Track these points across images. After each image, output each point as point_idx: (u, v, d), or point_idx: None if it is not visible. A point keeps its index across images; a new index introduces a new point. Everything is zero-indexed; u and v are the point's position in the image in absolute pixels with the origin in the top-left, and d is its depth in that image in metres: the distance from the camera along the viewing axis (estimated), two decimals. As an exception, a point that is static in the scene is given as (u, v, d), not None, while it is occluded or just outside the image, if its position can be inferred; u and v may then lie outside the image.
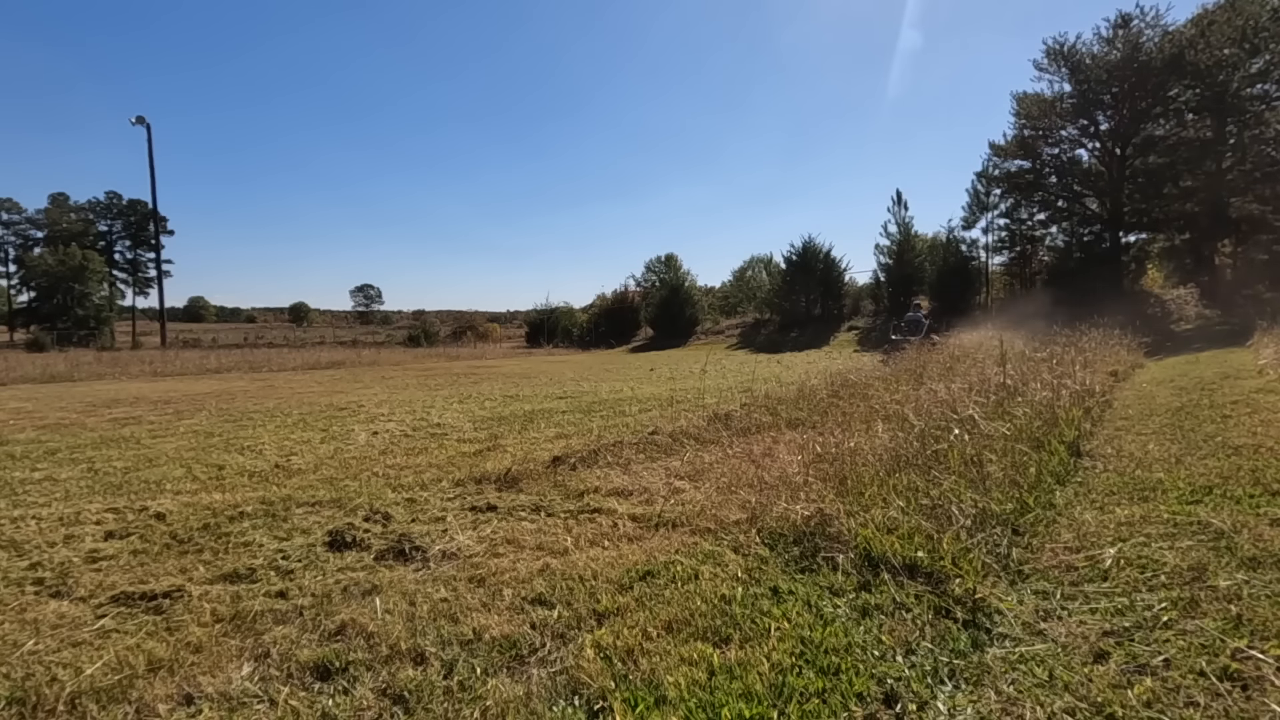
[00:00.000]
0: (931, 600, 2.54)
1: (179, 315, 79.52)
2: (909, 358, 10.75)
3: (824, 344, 31.16)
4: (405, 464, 5.77)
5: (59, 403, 11.73)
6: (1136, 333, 14.74)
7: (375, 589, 2.90)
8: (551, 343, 42.39)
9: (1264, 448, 4.80)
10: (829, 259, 36.57)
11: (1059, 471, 4.41)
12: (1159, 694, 1.90)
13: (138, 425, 8.70)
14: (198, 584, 3.06)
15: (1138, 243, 30.09)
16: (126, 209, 57.21)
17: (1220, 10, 24.05)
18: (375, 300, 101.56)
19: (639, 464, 5.27)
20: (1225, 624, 2.26)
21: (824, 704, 1.92)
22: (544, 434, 7.34)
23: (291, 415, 9.52)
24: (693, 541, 3.37)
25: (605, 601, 2.66)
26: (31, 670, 2.30)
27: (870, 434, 4.74)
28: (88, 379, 18.37)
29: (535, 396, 11.76)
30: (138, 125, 34.90)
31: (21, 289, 51.84)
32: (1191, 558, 2.84)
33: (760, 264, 50.98)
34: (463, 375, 18.36)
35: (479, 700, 2.00)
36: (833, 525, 3.24)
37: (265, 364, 23.34)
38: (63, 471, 5.79)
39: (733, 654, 2.21)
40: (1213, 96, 24.13)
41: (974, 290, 33.14)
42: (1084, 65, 26.46)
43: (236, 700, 2.07)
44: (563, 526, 3.77)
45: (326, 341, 47.70)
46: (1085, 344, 11.27)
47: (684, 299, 41.88)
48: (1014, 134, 29.78)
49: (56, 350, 31.59)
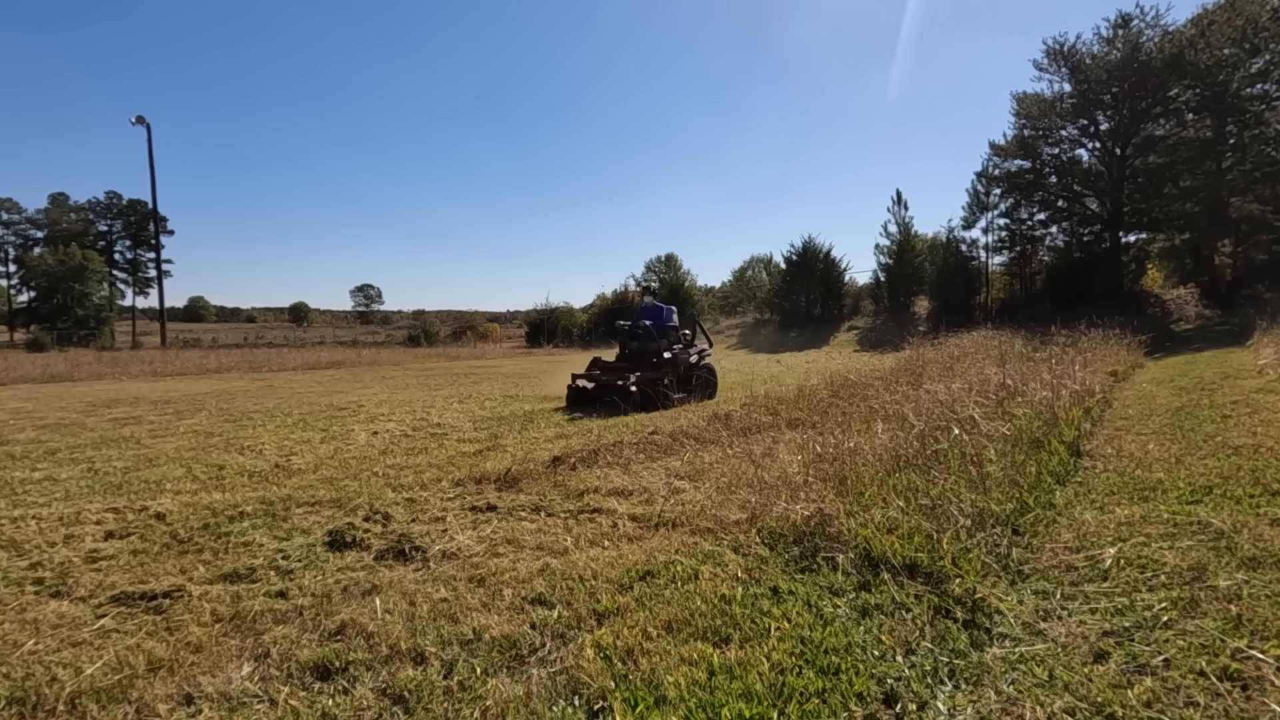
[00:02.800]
0: (931, 600, 2.54)
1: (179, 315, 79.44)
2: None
3: (824, 344, 31.17)
4: (405, 464, 5.77)
5: (59, 403, 11.73)
6: (1136, 333, 14.72)
7: (375, 589, 2.90)
8: (551, 343, 42.39)
9: (1264, 448, 4.80)
10: (829, 259, 36.61)
11: (1059, 471, 4.41)
12: (1159, 694, 1.90)
13: (138, 425, 8.70)
14: (198, 584, 3.06)
15: (1138, 243, 30.11)
16: (126, 209, 57.15)
17: (1220, 10, 24.05)
18: (375, 300, 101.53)
19: (639, 464, 5.27)
20: (1225, 624, 2.26)
21: (824, 704, 1.92)
22: (544, 434, 7.34)
23: (291, 415, 9.52)
24: (693, 541, 3.37)
25: (605, 601, 2.66)
26: (31, 670, 2.29)
27: (870, 434, 4.74)
28: (88, 379, 18.36)
29: (535, 396, 11.76)
30: (138, 125, 34.91)
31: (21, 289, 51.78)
32: (1191, 558, 2.84)
33: (760, 264, 51.03)
34: (463, 375, 18.36)
35: (479, 700, 2.00)
36: (833, 525, 3.24)
37: (265, 364, 23.33)
38: (63, 471, 5.79)
39: (733, 654, 2.21)
40: (1213, 96, 24.13)
41: (974, 290, 33.15)
42: (1084, 65, 26.47)
43: (236, 700, 2.07)
44: (563, 526, 3.76)
45: (326, 341, 47.68)
46: (1085, 344, 11.27)
47: (684, 299, 41.90)
48: (1014, 134, 29.83)
49: (56, 350, 31.57)
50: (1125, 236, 29.14)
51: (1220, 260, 28.10)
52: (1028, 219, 32.35)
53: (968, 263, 33.49)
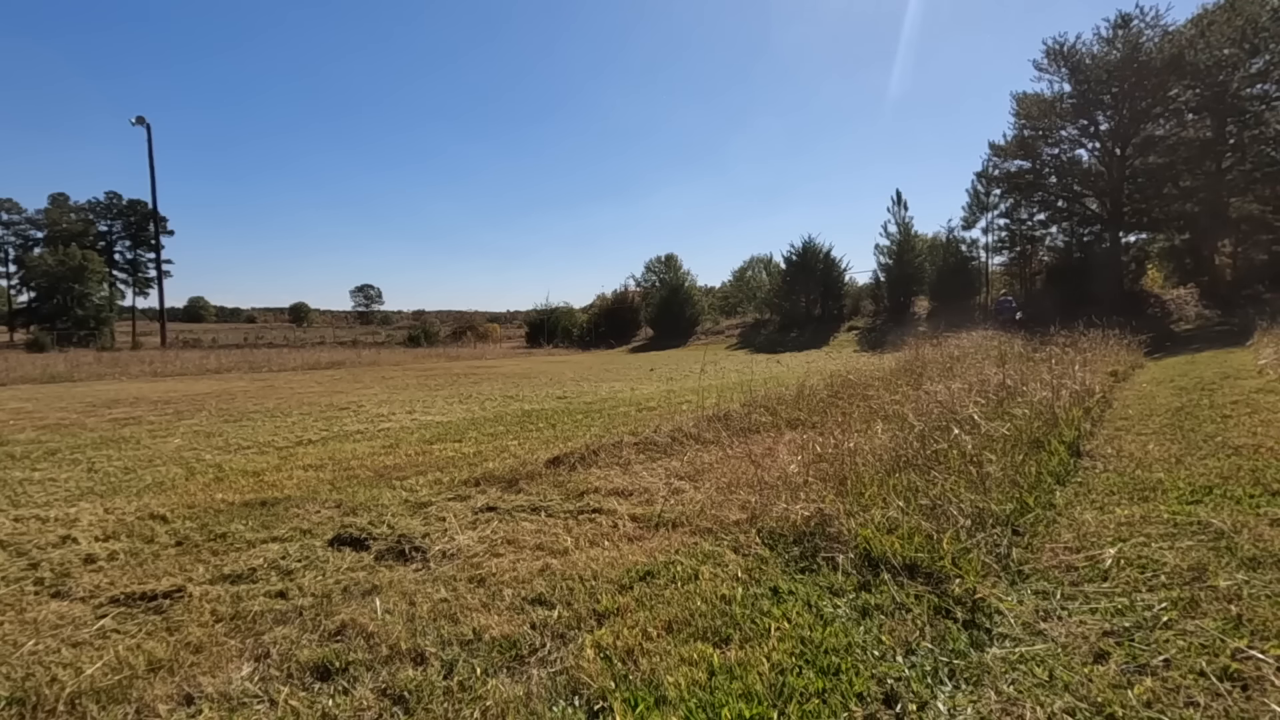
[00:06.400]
0: (931, 600, 2.54)
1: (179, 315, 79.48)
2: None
3: (824, 344, 31.15)
4: (405, 464, 5.77)
5: (59, 403, 11.72)
6: (1136, 333, 14.72)
7: (375, 589, 2.90)
8: (551, 343, 42.39)
9: (1264, 448, 4.80)
10: (829, 259, 36.60)
11: (1059, 471, 4.40)
12: (1159, 694, 1.90)
13: (138, 425, 8.70)
14: (198, 584, 3.06)
15: (1138, 243, 30.12)
16: (126, 209, 57.18)
17: (1220, 10, 24.07)
18: (375, 300, 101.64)
19: (639, 464, 5.27)
20: (1225, 624, 2.26)
21: (824, 704, 1.92)
22: (544, 434, 7.34)
23: (291, 415, 9.52)
24: (693, 542, 3.37)
25: (605, 601, 2.66)
26: (31, 670, 2.30)
27: (870, 434, 4.74)
28: (88, 379, 18.36)
29: (535, 397, 11.76)
30: (138, 125, 34.90)
31: (21, 289, 51.86)
32: (1191, 558, 2.84)
33: (760, 264, 51.05)
34: (463, 375, 18.36)
35: (479, 700, 2.00)
36: (833, 525, 3.24)
37: (265, 364, 23.33)
38: (63, 472, 5.79)
39: (733, 654, 2.21)
40: (1213, 96, 24.14)
41: (974, 290, 33.16)
42: (1084, 65, 26.48)
43: (236, 700, 2.07)
44: (563, 527, 3.76)
45: (326, 342, 47.70)
46: (1085, 344, 11.27)
47: (684, 299, 41.90)
48: (1014, 134, 29.84)
49: (56, 350, 31.56)
50: (1125, 236, 29.16)
51: (1220, 260, 28.12)
52: (1028, 219, 32.38)
53: (968, 263, 33.51)
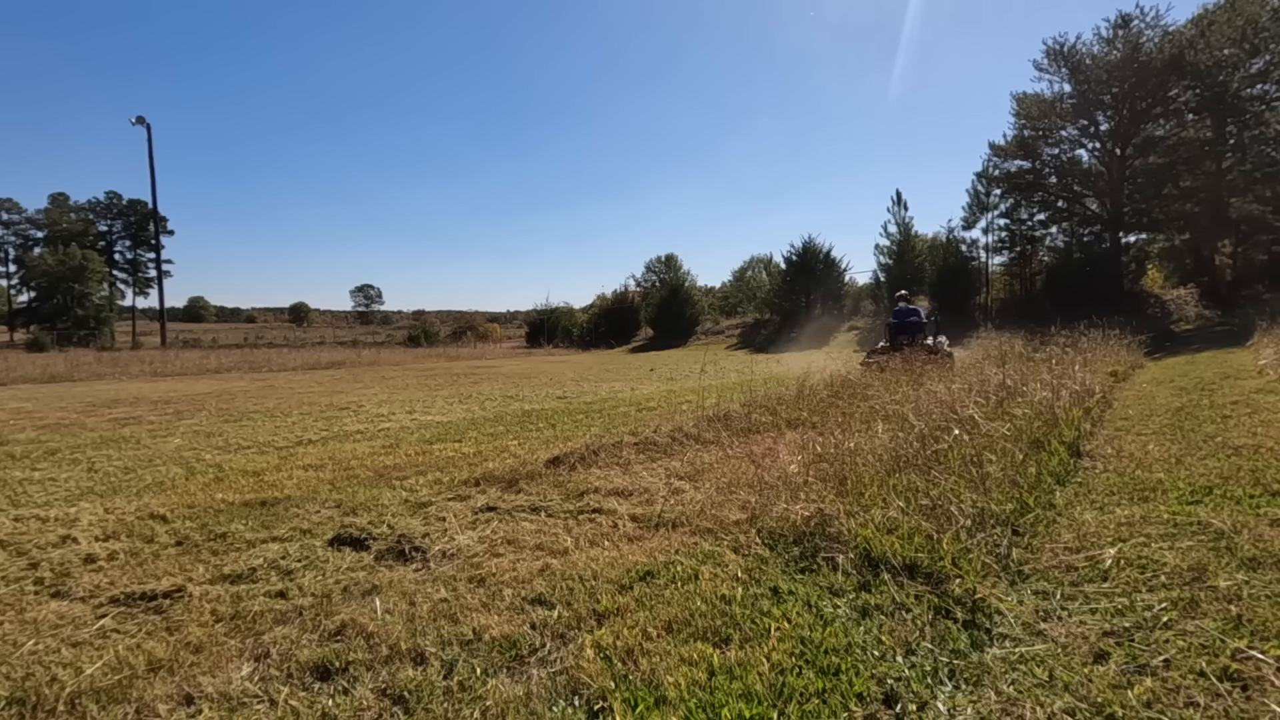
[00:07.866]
0: (931, 600, 2.54)
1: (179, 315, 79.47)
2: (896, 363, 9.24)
3: (824, 344, 31.13)
4: (405, 464, 5.77)
5: (59, 403, 11.72)
6: (1136, 333, 14.70)
7: (375, 589, 2.90)
8: (551, 343, 42.38)
9: (1264, 448, 4.80)
10: (829, 259, 36.61)
11: (1059, 471, 4.40)
12: (1159, 694, 1.90)
13: (138, 425, 8.70)
14: (198, 584, 3.06)
15: (1138, 243, 30.13)
16: (126, 209, 57.18)
17: (1220, 10, 24.07)
18: (375, 300, 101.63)
19: (639, 464, 5.27)
20: (1225, 624, 2.26)
21: (824, 704, 1.92)
22: (544, 434, 7.34)
23: (291, 415, 9.52)
24: (693, 542, 3.37)
25: (605, 602, 2.66)
26: (31, 670, 2.29)
27: (870, 434, 4.73)
28: (88, 379, 18.36)
29: (535, 397, 11.76)
30: (138, 125, 34.90)
31: (21, 289, 51.85)
32: (1191, 558, 2.84)
33: (760, 264, 51.00)
34: (463, 375, 18.36)
35: (479, 700, 2.00)
36: (833, 525, 3.24)
37: (265, 364, 23.34)
38: (63, 471, 5.79)
39: (733, 654, 2.21)
40: (1213, 96, 24.14)
41: (974, 290, 33.15)
42: (1084, 65, 26.48)
43: (236, 700, 2.07)
44: (563, 527, 3.76)
45: (326, 341, 47.71)
46: (1085, 344, 11.27)
47: (684, 299, 41.89)
48: (1014, 134, 29.85)
49: (56, 350, 31.58)
50: (1125, 237, 29.16)
51: (1220, 260, 28.13)
52: (1028, 219, 32.37)
53: (968, 263, 33.48)
